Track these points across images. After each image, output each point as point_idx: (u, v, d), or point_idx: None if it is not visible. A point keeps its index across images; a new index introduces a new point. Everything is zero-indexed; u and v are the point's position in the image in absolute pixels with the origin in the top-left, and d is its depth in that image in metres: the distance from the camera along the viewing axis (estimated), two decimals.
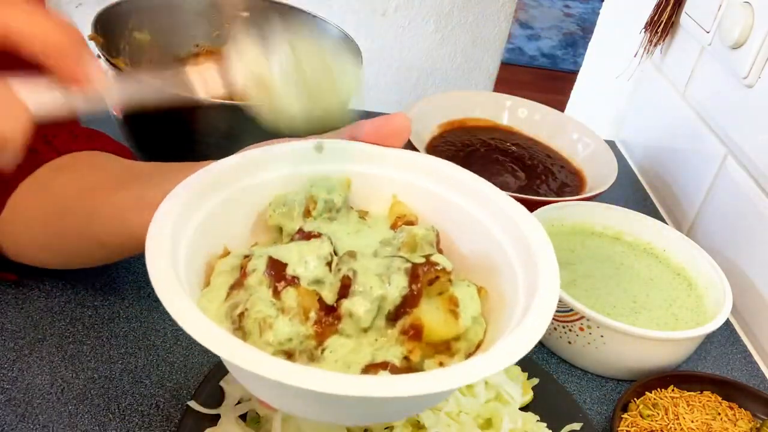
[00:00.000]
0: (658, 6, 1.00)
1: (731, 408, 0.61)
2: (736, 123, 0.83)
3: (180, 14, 0.85)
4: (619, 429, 0.57)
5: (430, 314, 0.36)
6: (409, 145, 0.66)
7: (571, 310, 0.62)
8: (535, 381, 0.60)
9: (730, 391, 0.62)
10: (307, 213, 0.40)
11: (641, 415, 0.59)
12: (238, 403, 0.54)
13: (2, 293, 0.62)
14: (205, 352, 0.60)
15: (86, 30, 0.71)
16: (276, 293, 0.35)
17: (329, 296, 0.36)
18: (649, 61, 1.06)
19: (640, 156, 1.06)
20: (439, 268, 0.37)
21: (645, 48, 1.04)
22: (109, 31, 0.74)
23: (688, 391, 0.62)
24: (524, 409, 0.58)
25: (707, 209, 0.87)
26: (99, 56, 0.69)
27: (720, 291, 0.67)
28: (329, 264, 0.37)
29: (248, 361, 0.30)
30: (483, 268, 0.41)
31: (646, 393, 0.61)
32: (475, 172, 0.44)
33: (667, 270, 0.73)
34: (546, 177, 0.86)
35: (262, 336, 0.35)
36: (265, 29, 0.41)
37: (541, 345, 0.68)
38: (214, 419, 0.53)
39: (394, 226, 0.43)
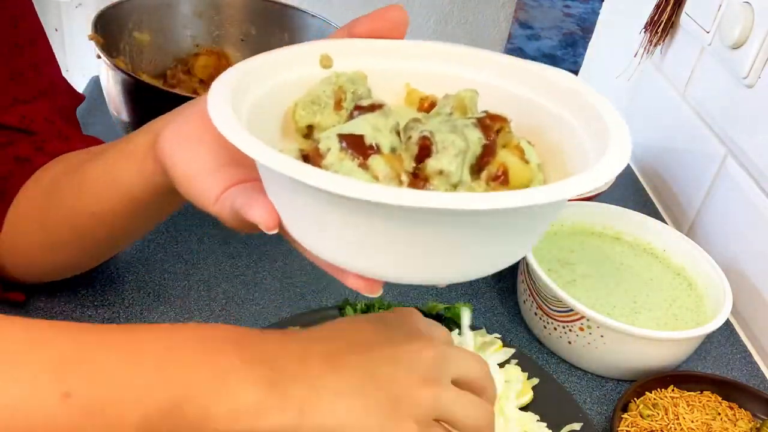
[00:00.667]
0: (658, 6, 1.00)
1: (731, 408, 0.61)
2: (736, 123, 0.83)
3: (180, 14, 0.85)
4: (619, 429, 0.57)
5: (509, 159, 0.36)
6: None
7: (571, 310, 0.62)
8: (535, 381, 0.60)
9: (730, 391, 0.62)
10: (337, 106, 0.39)
11: (641, 415, 0.59)
12: None
13: None
14: None
15: (86, 30, 0.71)
16: (363, 164, 0.34)
17: (407, 163, 0.35)
18: (649, 61, 1.06)
19: (640, 156, 1.06)
20: (501, 117, 0.37)
21: (645, 48, 1.04)
22: (109, 31, 0.74)
23: (688, 391, 0.62)
24: (524, 409, 0.58)
25: (707, 209, 0.87)
26: (99, 56, 0.69)
27: (720, 291, 0.67)
28: (398, 132, 0.36)
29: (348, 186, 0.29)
30: (523, 128, 0.40)
31: (646, 393, 0.61)
32: None
33: (667, 270, 0.73)
34: None
35: None
36: (265, 29, 0.41)
37: (541, 345, 0.68)
38: None
39: (421, 109, 0.42)
